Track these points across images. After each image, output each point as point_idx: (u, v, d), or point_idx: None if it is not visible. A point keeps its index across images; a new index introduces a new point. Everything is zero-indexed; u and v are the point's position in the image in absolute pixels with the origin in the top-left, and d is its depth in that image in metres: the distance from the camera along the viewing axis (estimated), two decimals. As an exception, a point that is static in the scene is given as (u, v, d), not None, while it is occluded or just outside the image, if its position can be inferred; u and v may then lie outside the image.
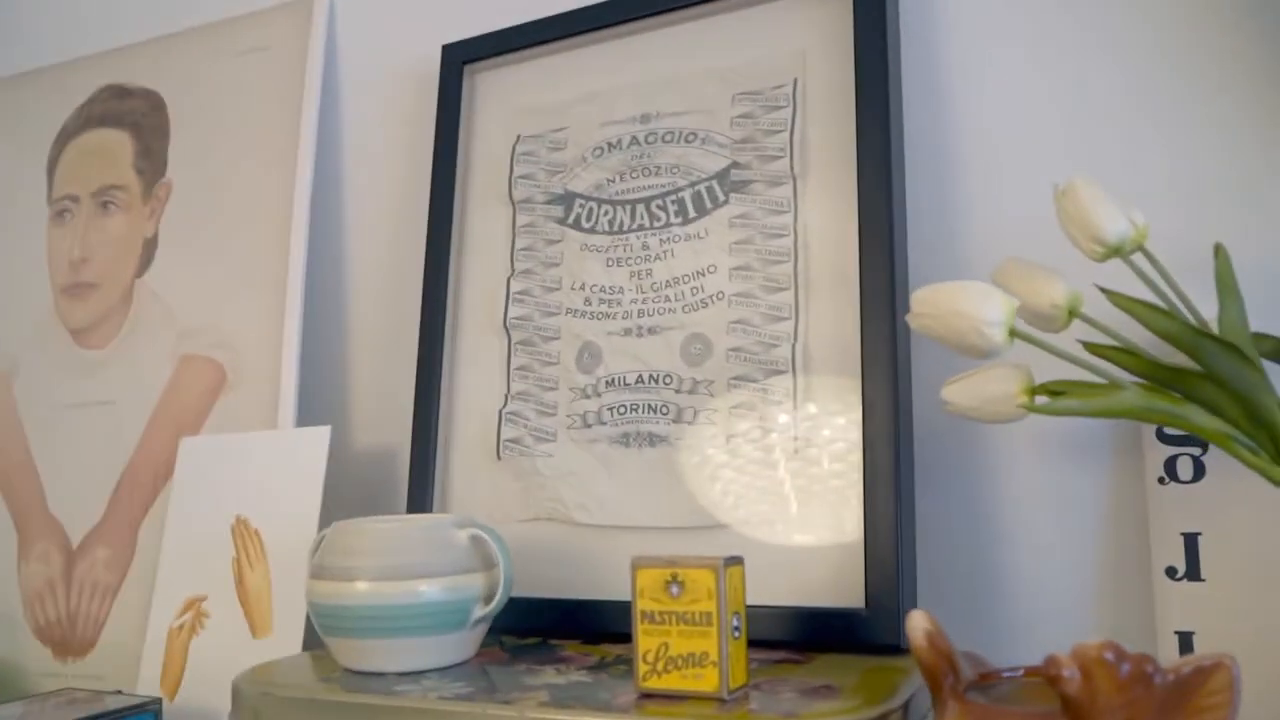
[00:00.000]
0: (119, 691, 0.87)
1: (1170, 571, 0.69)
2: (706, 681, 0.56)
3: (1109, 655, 0.44)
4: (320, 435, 0.88)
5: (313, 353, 1.02)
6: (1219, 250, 0.59)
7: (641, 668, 0.58)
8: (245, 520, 0.89)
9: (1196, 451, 0.68)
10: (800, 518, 0.71)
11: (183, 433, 0.98)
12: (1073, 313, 0.60)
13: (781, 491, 0.72)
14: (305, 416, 0.99)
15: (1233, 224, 0.70)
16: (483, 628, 0.69)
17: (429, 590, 0.66)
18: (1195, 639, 0.68)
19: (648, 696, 0.57)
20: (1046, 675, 0.45)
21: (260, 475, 0.90)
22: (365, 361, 1.01)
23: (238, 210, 1.01)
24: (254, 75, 1.04)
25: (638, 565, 0.58)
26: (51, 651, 1.01)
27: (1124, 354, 0.59)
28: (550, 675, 0.64)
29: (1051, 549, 0.74)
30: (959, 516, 0.77)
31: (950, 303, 0.57)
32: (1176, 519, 0.69)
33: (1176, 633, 0.68)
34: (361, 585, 0.66)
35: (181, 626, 0.90)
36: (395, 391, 0.98)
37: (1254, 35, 0.71)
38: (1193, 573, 0.68)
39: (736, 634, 0.57)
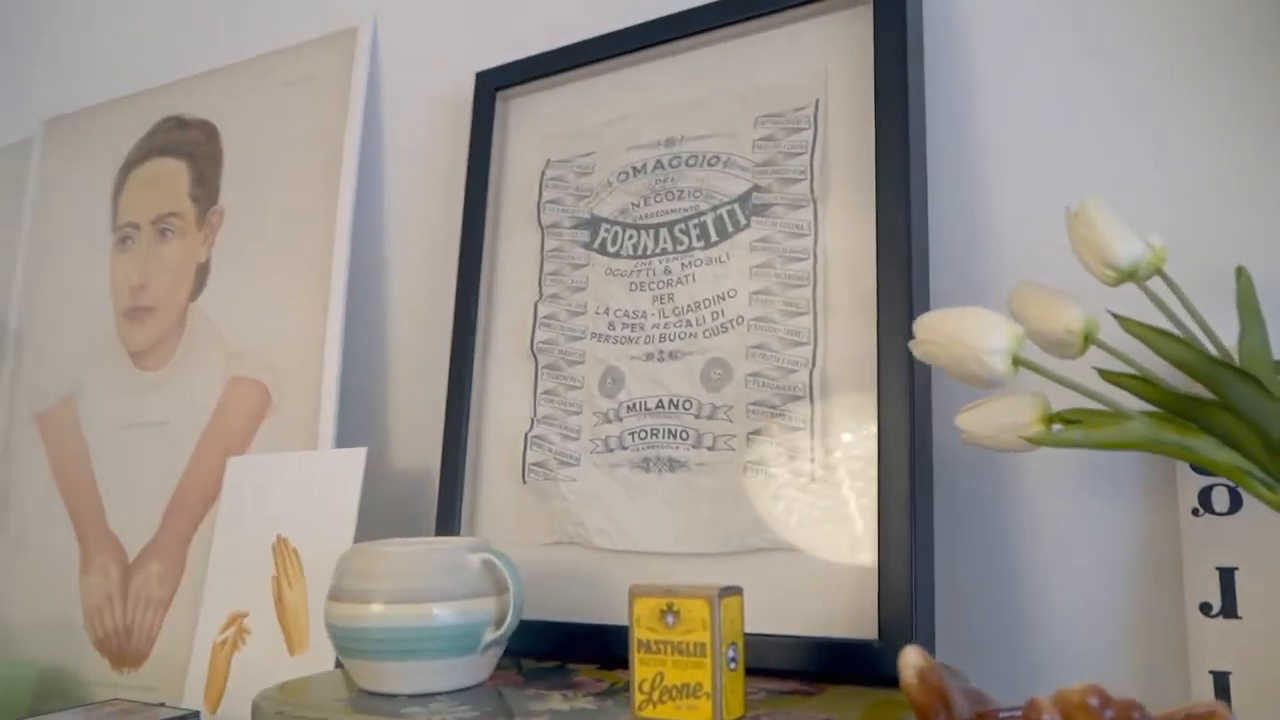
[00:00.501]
0: (162, 704, 0.90)
1: (1205, 608, 0.66)
2: (700, 713, 0.55)
3: (1093, 701, 0.42)
4: (356, 456, 0.90)
5: (355, 374, 1.04)
6: (1241, 273, 0.57)
7: (638, 697, 0.57)
8: (285, 539, 0.91)
9: (1232, 482, 0.65)
10: (817, 546, 0.70)
11: (230, 453, 1.01)
12: (1089, 339, 0.58)
13: (799, 520, 0.71)
14: (347, 437, 1.01)
15: (1258, 240, 0.67)
16: (495, 651, 0.70)
17: (443, 613, 0.67)
18: (1231, 679, 0.65)
19: (644, 727, 0.57)
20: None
21: (299, 495, 0.92)
22: (405, 383, 1.03)
23: (284, 235, 1.04)
24: (301, 104, 1.06)
25: (635, 594, 0.58)
26: (109, 662, 1.05)
27: (1140, 383, 0.57)
28: (556, 701, 0.64)
29: (1080, 583, 0.72)
30: (985, 548, 0.75)
31: (952, 330, 0.55)
32: (1211, 553, 0.66)
33: (1211, 673, 0.65)
34: (377, 608, 0.67)
35: (225, 642, 0.92)
36: (434, 413, 0.99)
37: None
38: (1229, 609, 0.65)
39: (733, 665, 0.57)
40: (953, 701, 0.51)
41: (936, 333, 0.56)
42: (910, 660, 0.51)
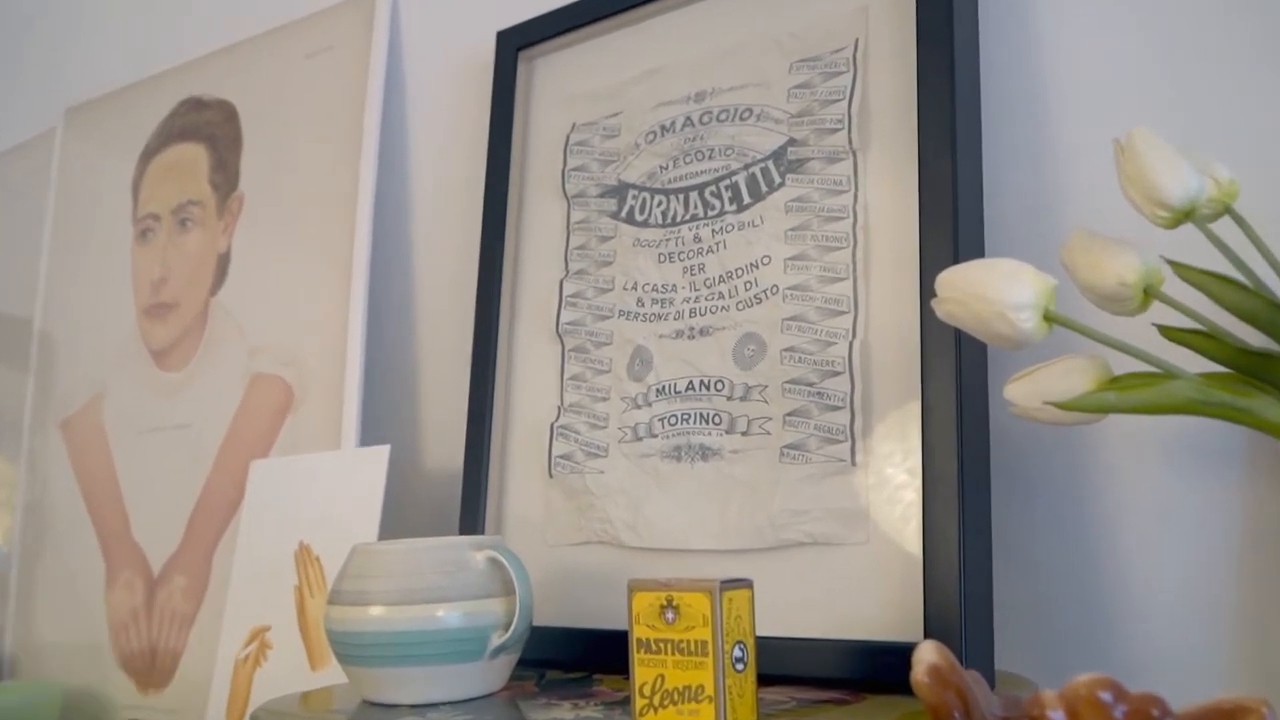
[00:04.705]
0: (179, 725, 0.95)
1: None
2: (702, 718, 0.57)
3: (1104, 695, 0.42)
4: (379, 455, 0.93)
5: (382, 366, 1.08)
6: (1321, 209, 0.55)
7: (638, 702, 0.59)
8: (308, 546, 0.96)
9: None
10: (861, 539, 0.71)
11: (253, 455, 1.06)
12: (1149, 292, 0.57)
13: (843, 509, 0.72)
14: (375, 434, 1.05)
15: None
16: (507, 658, 0.72)
17: (447, 615, 0.69)
18: (1352, 688, 0.63)
19: (645, 734, 0.58)
20: (1029, 717, 0.43)
21: (321, 498, 0.96)
22: (435, 374, 1.06)
23: (303, 219, 1.09)
24: (320, 77, 1.11)
25: (634, 588, 0.60)
26: (135, 684, 1.11)
27: (1204, 339, 0.56)
28: (564, 711, 0.66)
29: (1176, 579, 0.70)
30: (1060, 541, 0.74)
31: (973, 285, 0.55)
32: (1323, 539, 0.64)
33: (1328, 681, 0.63)
34: (375, 610, 0.70)
35: (246, 658, 0.97)
36: (465, 406, 1.02)
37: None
38: (1347, 606, 0.63)
39: (740, 666, 0.58)
40: (972, 703, 0.51)
41: (957, 289, 0.56)
42: (923, 656, 0.51)
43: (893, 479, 0.70)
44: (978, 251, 0.71)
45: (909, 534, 0.69)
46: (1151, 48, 0.73)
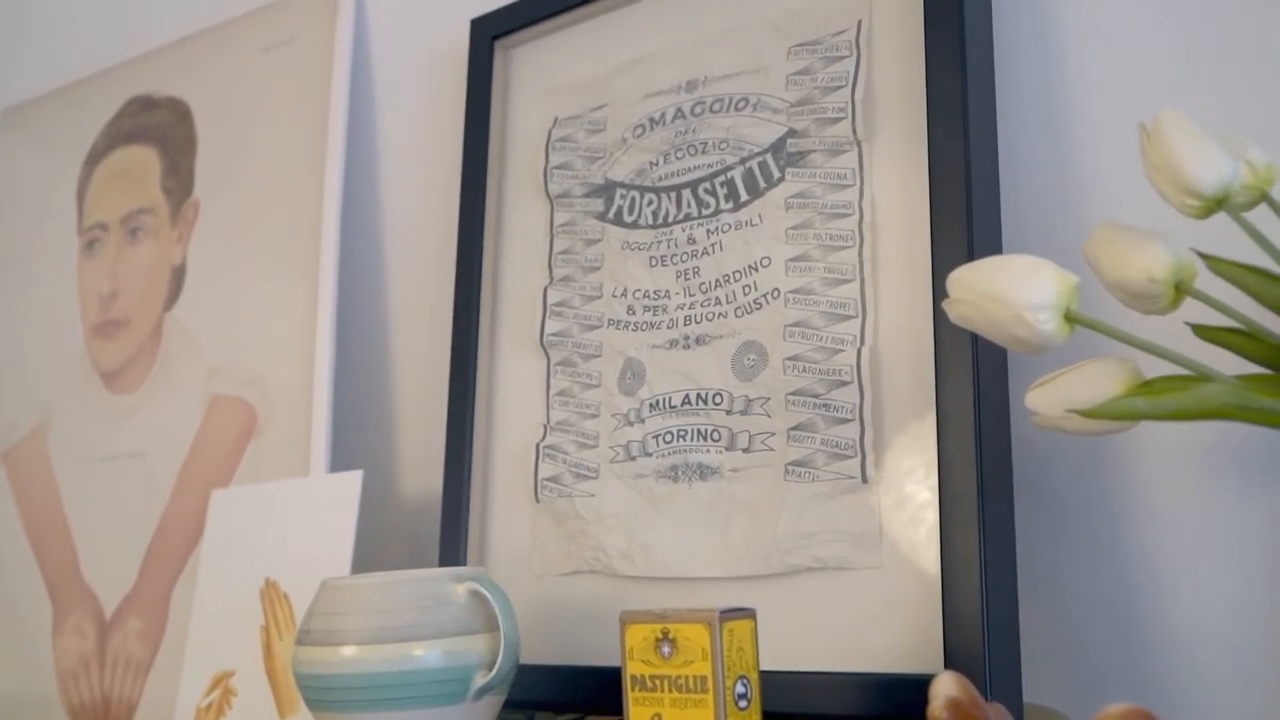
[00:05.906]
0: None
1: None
2: (703, 761, 0.57)
3: (1137, 723, 0.43)
4: (351, 481, 0.94)
5: (353, 385, 1.08)
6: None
7: (634, 745, 0.59)
8: (274, 583, 0.96)
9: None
10: (874, 563, 0.71)
11: (214, 484, 1.06)
12: (1180, 288, 0.58)
13: (854, 531, 0.72)
14: (346, 460, 1.05)
15: None
16: (490, 700, 0.72)
17: (425, 655, 0.70)
18: None
19: (641, 780, 0.59)
20: (1057, 748, 0.44)
21: (289, 530, 0.96)
22: (412, 393, 1.07)
23: (265, 226, 1.09)
24: (281, 73, 1.12)
25: (626, 621, 0.60)
26: (88, 737, 1.11)
27: (1241, 337, 0.57)
28: (554, 756, 0.66)
29: (1217, 602, 0.71)
30: (1091, 561, 0.74)
31: (987, 285, 0.56)
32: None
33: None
34: (348, 651, 0.70)
35: (209, 706, 0.97)
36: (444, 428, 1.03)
37: None
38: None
39: (743, 704, 0.58)
40: (996, 736, 0.52)
41: (969, 290, 0.56)
42: (942, 689, 0.52)
43: (908, 497, 0.71)
44: (994, 248, 0.72)
45: (926, 556, 0.69)
46: (1178, 23, 0.74)
